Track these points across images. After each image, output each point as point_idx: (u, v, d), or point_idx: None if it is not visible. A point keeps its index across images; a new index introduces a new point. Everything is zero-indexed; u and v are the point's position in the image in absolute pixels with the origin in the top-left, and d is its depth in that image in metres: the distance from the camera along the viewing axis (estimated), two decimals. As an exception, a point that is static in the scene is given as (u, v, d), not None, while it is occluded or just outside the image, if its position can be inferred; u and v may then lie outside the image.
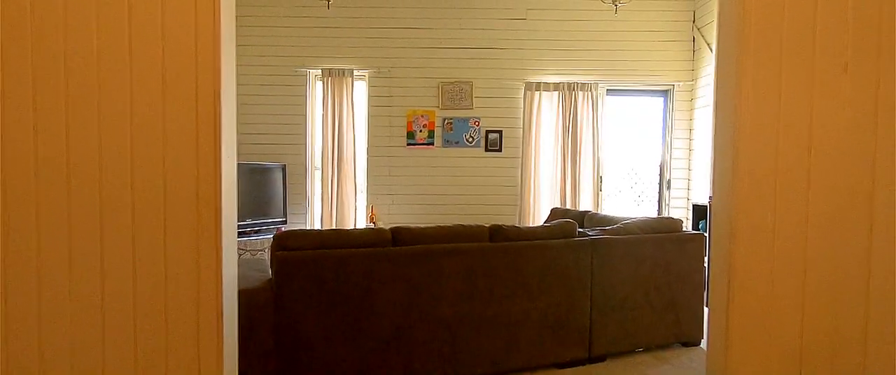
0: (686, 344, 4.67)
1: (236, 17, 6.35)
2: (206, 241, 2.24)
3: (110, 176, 2.16)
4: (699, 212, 6.47)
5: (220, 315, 2.26)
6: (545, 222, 6.45)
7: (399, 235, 3.67)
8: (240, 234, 6.46)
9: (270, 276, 3.53)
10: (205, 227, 2.23)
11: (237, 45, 6.99)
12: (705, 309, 4.87)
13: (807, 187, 2.32)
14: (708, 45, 6.66)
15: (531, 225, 7.21)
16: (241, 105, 7.10)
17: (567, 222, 4.20)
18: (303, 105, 7.20)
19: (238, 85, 6.99)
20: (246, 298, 3.14)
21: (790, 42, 2.28)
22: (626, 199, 7.82)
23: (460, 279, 3.72)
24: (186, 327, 2.24)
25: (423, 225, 7.15)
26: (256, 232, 6.76)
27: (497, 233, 3.93)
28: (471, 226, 3.90)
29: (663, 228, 4.62)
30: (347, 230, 3.63)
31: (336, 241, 3.48)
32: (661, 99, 7.43)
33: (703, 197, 6.73)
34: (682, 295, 4.60)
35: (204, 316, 2.25)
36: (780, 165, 2.32)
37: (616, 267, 4.29)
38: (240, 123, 7.09)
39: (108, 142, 2.15)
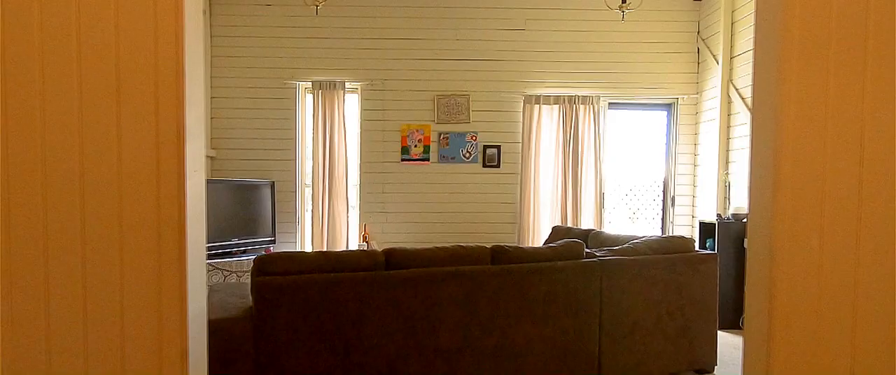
0: (700, 372, 4.38)
1: (222, 26, 6.10)
2: (170, 269, 1.93)
3: (55, 195, 1.85)
4: (707, 230, 6.18)
5: (184, 354, 1.95)
6: (546, 241, 6.16)
7: (392, 258, 3.37)
8: (225, 255, 6.19)
9: (251, 303, 3.22)
10: (167, 253, 1.92)
11: (223, 57, 6.79)
12: (719, 334, 4.60)
13: (858, 204, 2.03)
14: (714, 56, 6.41)
15: (531, 244, 6.92)
16: (227, 119, 6.84)
17: (574, 242, 3.90)
18: (292, 119, 6.93)
19: (223, 97, 6.80)
20: (222, 329, 2.82)
21: (840, 38, 1.99)
22: (629, 216, 7.54)
23: (459, 305, 3.41)
24: (146, 370, 1.93)
25: (418, 246, 6.93)
26: (243, 252, 6.46)
27: (499, 255, 3.63)
28: (471, 247, 3.60)
29: (675, 248, 4.33)
30: (336, 252, 3.32)
31: (323, 265, 3.17)
32: (665, 112, 7.17)
33: (709, 214, 6.45)
34: (695, 319, 4.30)
35: (167, 357, 1.94)
36: (828, 178, 2.03)
37: (626, 290, 4.00)
38: (226, 138, 6.84)
39: (51, 155, 1.85)
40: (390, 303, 3.24)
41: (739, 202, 5.93)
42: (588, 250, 4.08)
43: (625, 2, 4.54)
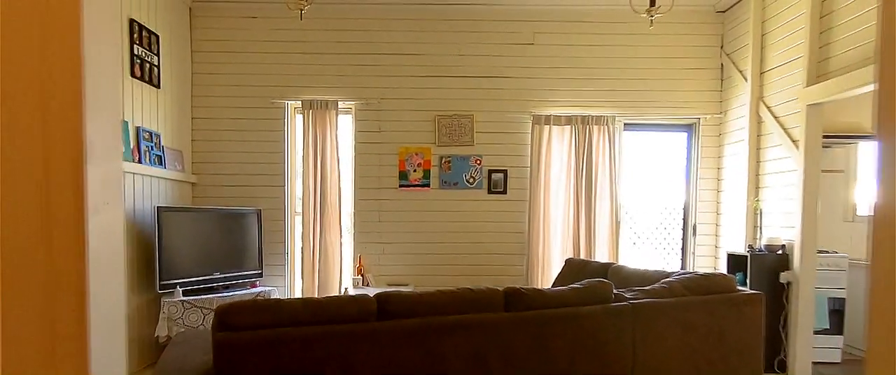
0: (744, 430, 3.77)
1: (204, 41, 5.58)
2: (66, 343, 1.35)
3: None
4: (736, 263, 5.61)
5: None
6: (559, 274, 5.57)
7: (387, 305, 2.78)
8: (207, 291, 5.64)
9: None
10: (63, 330, 1.34)
11: (205, 74, 6.17)
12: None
13: None
14: (740, 72, 5.88)
15: (542, 277, 6.35)
16: (209, 142, 6.32)
17: (601, 283, 3.32)
18: (280, 141, 6.39)
19: (205, 118, 6.27)
20: (170, 402, 2.23)
21: None
22: (647, 246, 6.96)
23: (468, 362, 2.82)
24: None
25: (417, 279, 6.36)
26: (227, 288, 5.89)
27: (514, 300, 3.05)
28: (480, 291, 3.02)
29: (714, 288, 3.75)
30: (317, 299, 2.71)
31: (301, 315, 2.58)
32: (685, 134, 6.62)
33: (737, 244, 5.88)
34: (739, 368, 3.71)
35: None
36: None
37: (662, 337, 3.41)
38: (208, 163, 6.31)
39: None
40: (384, 362, 2.65)
41: (773, 231, 5.36)
42: (616, 291, 3.50)
43: (654, 5, 3.99)
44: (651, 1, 4.01)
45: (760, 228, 5.55)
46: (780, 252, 5.21)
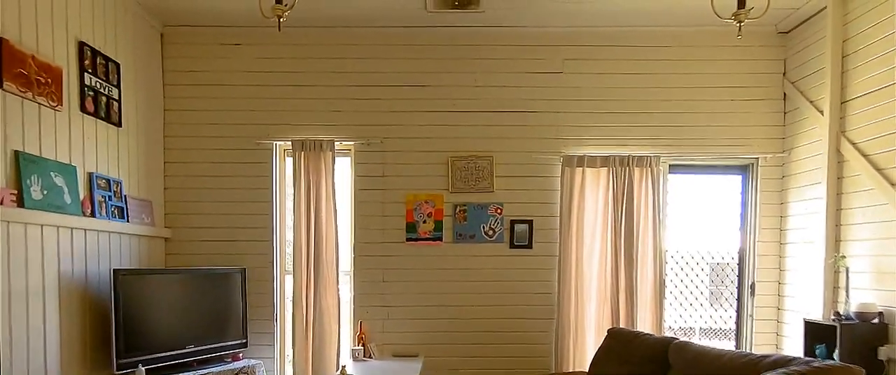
0: None
1: (178, 72, 4.68)
2: None
3: None
4: (815, 333, 4.62)
5: None
6: (602, 348, 4.62)
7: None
8: (181, 368, 4.81)
9: None
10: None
11: (179, 110, 4.85)
12: None
13: None
14: (812, 103, 4.95)
15: (574, 349, 5.44)
16: (185, 190, 5.53)
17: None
18: (268, 189, 5.55)
19: (180, 162, 5.50)
20: None
21: None
22: (694, 307, 5.99)
23: None
24: None
25: (427, 349, 5.39)
26: (204, 362, 5.02)
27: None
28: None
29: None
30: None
31: None
32: (740, 177, 5.69)
33: (813, 308, 4.89)
34: None
35: None
36: None
37: None
38: (184, 214, 5.57)
39: None
40: None
41: (865, 295, 4.38)
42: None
43: (742, 10, 3.03)
44: (739, 2, 3.07)
45: (846, 291, 4.55)
46: (875, 321, 4.23)
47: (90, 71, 4.29)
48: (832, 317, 4.46)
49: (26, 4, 3.68)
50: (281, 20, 3.18)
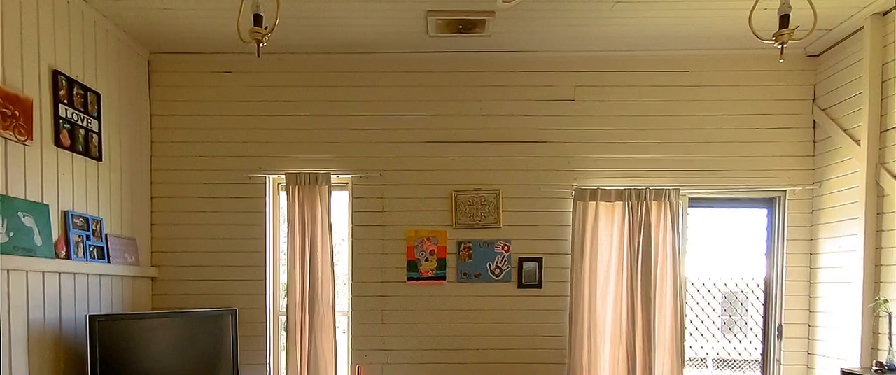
0: None
1: (166, 102, 4.19)
2: None
3: None
4: (854, 386, 4.22)
5: None
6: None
7: None
8: None
9: None
10: None
11: (167, 142, 4.19)
12: None
13: None
14: (846, 132, 4.58)
15: (590, 398, 5.03)
16: (173, 226, 5.26)
17: None
18: (261, 225, 5.27)
19: (167, 197, 5.23)
20: None
21: None
22: (707, 338, 5.59)
23: None
24: None
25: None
26: (190, 412, 4.69)
27: None
28: None
29: None
30: None
31: None
32: (765, 211, 5.32)
33: (849, 355, 4.49)
34: None
35: None
36: None
37: None
38: (171, 252, 5.30)
39: None
40: None
41: (912, 345, 3.99)
42: None
43: (786, 29, 2.67)
44: (782, 21, 2.72)
45: (890, 338, 4.15)
46: (925, 375, 3.84)
47: (65, 102, 4.00)
48: (875, 368, 4.07)
49: (-9, 32, 3.41)
50: (260, 45, 2.87)
